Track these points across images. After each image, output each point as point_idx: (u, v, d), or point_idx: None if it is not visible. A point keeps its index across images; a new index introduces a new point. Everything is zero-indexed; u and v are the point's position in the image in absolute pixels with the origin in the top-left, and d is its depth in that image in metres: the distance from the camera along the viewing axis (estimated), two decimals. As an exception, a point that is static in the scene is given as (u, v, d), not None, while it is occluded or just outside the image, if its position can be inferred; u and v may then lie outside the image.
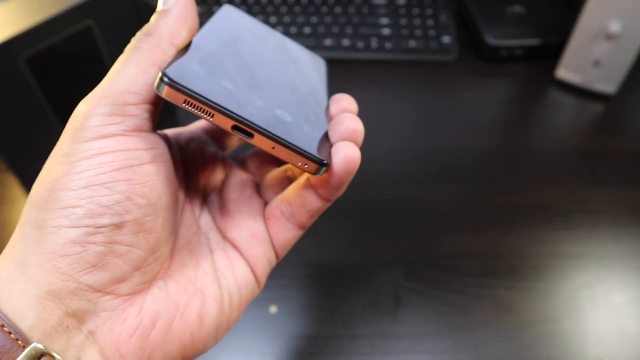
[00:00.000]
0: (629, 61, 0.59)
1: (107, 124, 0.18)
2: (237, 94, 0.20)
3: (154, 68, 0.20)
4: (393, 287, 0.46)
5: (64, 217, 0.17)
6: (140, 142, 0.19)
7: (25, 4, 0.43)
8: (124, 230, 0.18)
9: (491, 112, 0.62)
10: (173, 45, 0.20)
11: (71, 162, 0.18)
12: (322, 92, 0.26)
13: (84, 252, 0.17)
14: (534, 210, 0.52)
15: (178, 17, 0.21)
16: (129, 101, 0.19)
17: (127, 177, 0.18)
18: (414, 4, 0.70)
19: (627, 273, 0.47)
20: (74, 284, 0.17)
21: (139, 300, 0.19)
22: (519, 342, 0.43)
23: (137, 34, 0.21)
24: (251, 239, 0.23)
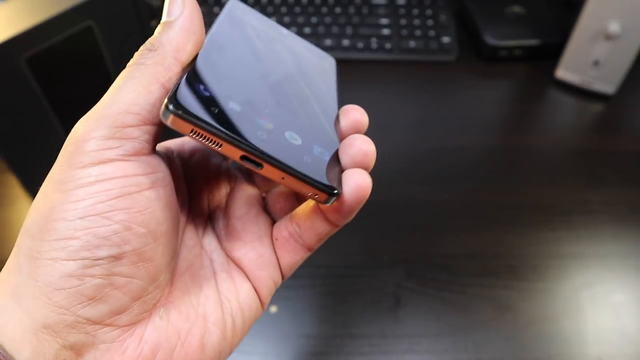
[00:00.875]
0: (628, 61, 0.59)
1: (104, 148, 0.17)
2: (245, 117, 0.20)
3: (157, 86, 0.19)
4: (393, 287, 0.46)
5: (60, 249, 0.16)
6: (139, 167, 0.18)
7: (26, 4, 0.43)
8: (123, 261, 0.17)
9: (491, 112, 0.62)
10: (178, 61, 0.19)
11: (67, 190, 0.17)
12: (331, 97, 0.25)
13: (81, 285, 0.17)
14: (533, 210, 0.52)
15: (183, 30, 0.20)
16: (128, 123, 0.18)
17: (126, 206, 0.17)
18: (414, 4, 0.70)
19: (626, 273, 0.47)
20: (71, 317, 0.17)
21: (139, 330, 0.19)
22: (518, 342, 0.43)
23: (140, 49, 0.20)
24: (257, 260, 0.23)
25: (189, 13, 0.20)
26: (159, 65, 0.19)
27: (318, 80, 0.26)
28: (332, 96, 0.25)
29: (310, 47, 0.28)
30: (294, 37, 0.28)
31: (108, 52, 0.48)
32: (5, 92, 0.42)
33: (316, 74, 0.26)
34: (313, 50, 0.28)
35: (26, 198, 0.52)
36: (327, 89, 0.26)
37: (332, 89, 0.26)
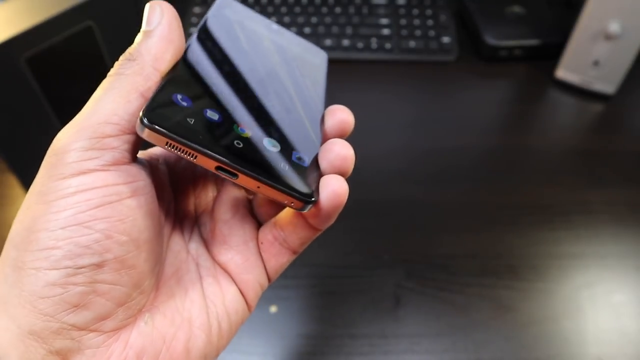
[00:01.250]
0: (628, 61, 0.59)
1: (84, 159, 0.18)
2: (222, 126, 0.20)
3: (135, 96, 0.19)
4: (393, 287, 0.46)
5: (43, 258, 0.17)
6: (119, 177, 0.18)
7: (26, 4, 0.43)
8: (105, 269, 0.18)
9: (491, 112, 0.62)
10: (157, 70, 0.20)
11: (49, 202, 0.17)
12: (318, 95, 0.26)
13: (64, 293, 0.17)
14: (533, 210, 0.52)
15: (161, 39, 0.20)
16: (107, 133, 0.18)
17: (107, 215, 0.18)
18: (414, 4, 0.70)
19: (626, 273, 0.47)
20: (56, 324, 0.17)
21: (124, 335, 0.19)
22: (518, 342, 0.43)
23: (119, 58, 0.20)
24: (244, 264, 0.23)
25: (167, 22, 0.20)
26: (138, 75, 0.19)
27: (305, 78, 0.26)
28: (319, 94, 0.25)
29: (302, 42, 0.28)
30: (284, 33, 0.28)
31: (108, 52, 0.48)
32: (5, 92, 0.42)
33: (304, 72, 0.26)
34: (304, 45, 0.28)
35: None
36: (314, 87, 0.26)
37: (320, 87, 0.26)
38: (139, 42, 0.20)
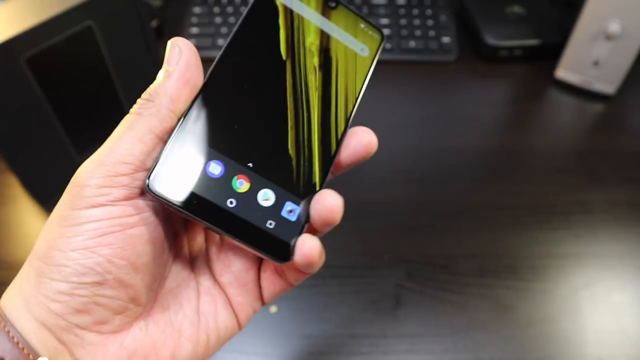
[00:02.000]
0: (628, 61, 0.60)
1: (97, 195, 0.21)
2: (220, 183, 0.22)
3: (150, 137, 0.21)
4: (393, 287, 0.46)
5: (56, 272, 0.21)
6: (125, 211, 0.21)
7: (26, 4, 0.43)
8: (105, 286, 0.21)
9: (491, 112, 0.62)
10: (172, 112, 0.22)
11: (65, 227, 0.21)
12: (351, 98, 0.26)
13: (70, 300, 0.21)
14: (533, 210, 0.52)
15: (178, 81, 0.22)
16: (121, 172, 0.21)
17: (110, 242, 0.21)
18: (414, 4, 0.70)
19: (626, 273, 0.47)
20: (64, 322, 0.21)
21: (120, 337, 0.22)
22: (518, 342, 0.43)
23: (140, 98, 0.22)
24: (241, 289, 0.25)
25: (185, 61, 0.22)
26: (154, 117, 0.21)
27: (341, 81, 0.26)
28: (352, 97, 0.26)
29: (358, 23, 0.27)
30: (340, 14, 0.26)
31: (108, 52, 0.48)
32: (5, 92, 0.42)
33: (343, 72, 0.26)
34: (359, 28, 0.27)
35: (26, 198, 0.52)
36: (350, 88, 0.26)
37: (358, 83, 0.26)
38: (158, 82, 0.22)
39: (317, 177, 0.24)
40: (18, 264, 0.47)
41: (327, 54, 0.25)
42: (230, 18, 0.68)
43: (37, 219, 0.51)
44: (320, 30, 0.26)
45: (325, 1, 0.26)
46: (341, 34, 0.26)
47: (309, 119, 0.24)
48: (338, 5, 0.26)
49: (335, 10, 0.26)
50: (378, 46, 0.27)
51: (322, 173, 0.24)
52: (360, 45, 0.27)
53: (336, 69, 0.26)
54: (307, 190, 0.24)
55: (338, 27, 0.26)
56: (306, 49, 0.25)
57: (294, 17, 0.25)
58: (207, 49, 0.66)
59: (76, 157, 0.51)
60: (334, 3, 0.26)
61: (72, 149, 0.50)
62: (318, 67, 0.25)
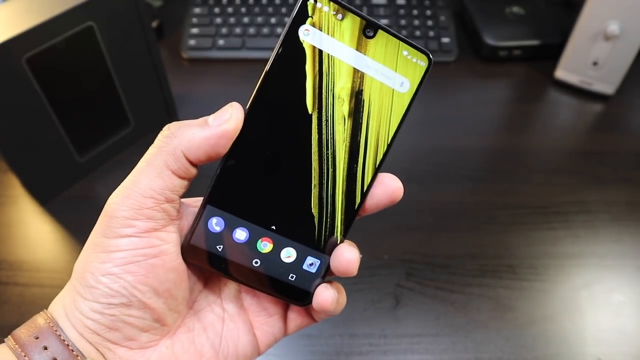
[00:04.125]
0: (627, 62, 0.60)
1: (124, 226, 0.23)
2: (246, 247, 0.25)
3: (167, 173, 0.23)
4: (393, 286, 0.46)
5: (89, 293, 0.23)
6: (149, 242, 0.23)
7: (26, 5, 0.43)
8: (131, 307, 0.23)
9: (491, 112, 0.62)
10: (185, 158, 0.23)
11: (97, 253, 0.23)
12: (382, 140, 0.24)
13: (102, 318, 0.23)
14: (533, 210, 0.52)
15: (207, 140, 0.23)
16: (144, 206, 0.23)
17: (133, 270, 0.23)
18: (414, 4, 0.71)
19: (625, 272, 0.47)
20: (98, 337, 0.24)
21: (148, 352, 0.25)
22: (518, 342, 0.43)
23: (163, 129, 0.24)
24: (267, 320, 0.27)
25: (224, 129, 0.23)
26: (170, 155, 0.23)
27: (374, 125, 0.24)
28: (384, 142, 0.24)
29: (400, 50, 0.24)
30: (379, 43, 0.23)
31: (108, 52, 0.48)
32: (5, 92, 0.42)
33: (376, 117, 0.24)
34: (401, 57, 0.24)
35: (26, 198, 0.52)
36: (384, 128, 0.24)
37: (393, 126, 0.25)
38: (190, 124, 0.23)
39: (339, 231, 0.25)
40: (18, 264, 0.47)
41: (359, 97, 0.23)
42: (230, 19, 0.68)
43: (37, 219, 0.51)
44: (354, 69, 0.23)
45: (363, 30, 0.23)
46: (378, 69, 0.23)
47: (334, 174, 0.24)
48: (377, 32, 0.23)
49: (374, 40, 0.23)
50: (422, 76, 0.24)
51: (344, 226, 0.25)
52: (400, 80, 0.24)
53: (367, 114, 0.24)
54: (329, 242, 0.25)
55: (375, 61, 0.23)
56: (335, 96, 0.23)
57: (322, 59, 0.23)
58: (207, 49, 0.66)
59: (76, 157, 0.51)
60: (372, 32, 0.23)
61: (72, 149, 0.50)
62: (347, 115, 0.23)
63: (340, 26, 0.23)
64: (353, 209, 0.25)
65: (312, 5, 0.22)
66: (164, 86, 0.56)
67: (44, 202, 0.51)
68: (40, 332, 0.23)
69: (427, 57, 0.24)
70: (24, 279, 0.46)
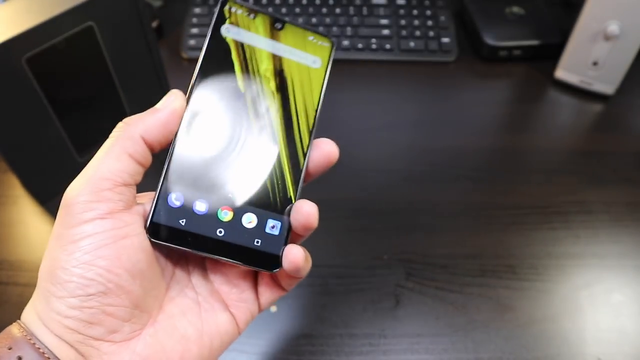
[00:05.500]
0: (627, 62, 0.60)
1: (86, 210, 0.23)
2: (208, 218, 0.25)
3: (125, 156, 0.24)
4: (393, 286, 0.46)
5: (62, 289, 0.23)
6: (114, 223, 0.23)
7: (26, 5, 0.43)
8: (109, 295, 0.23)
9: (491, 112, 0.62)
10: (143, 138, 0.24)
11: (62, 246, 0.23)
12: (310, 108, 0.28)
13: (81, 313, 0.23)
14: (533, 210, 0.52)
15: (158, 121, 0.25)
16: (103, 188, 0.23)
17: (105, 254, 0.23)
18: (414, 4, 0.71)
19: (625, 272, 0.47)
20: (79, 335, 0.23)
21: (133, 344, 0.24)
22: (518, 342, 0.43)
23: (118, 124, 0.25)
24: (239, 296, 0.27)
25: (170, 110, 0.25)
26: (128, 139, 0.24)
27: (299, 97, 0.28)
28: (311, 109, 0.28)
29: (304, 38, 0.29)
30: (288, 32, 0.29)
31: (108, 52, 0.48)
32: (5, 92, 0.42)
33: (300, 87, 0.28)
34: (308, 42, 0.29)
35: (26, 198, 0.52)
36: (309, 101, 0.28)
37: (315, 95, 0.29)
38: (145, 113, 0.25)
39: (291, 192, 0.27)
40: (18, 264, 0.47)
41: (282, 75, 0.28)
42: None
43: (37, 219, 0.51)
44: (272, 54, 0.28)
45: (272, 24, 0.28)
46: (292, 52, 0.28)
47: (275, 142, 0.27)
48: (285, 25, 0.28)
49: (283, 31, 0.28)
50: (329, 54, 0.29)
51: (295, 186, 0.27)
52: (312, 58, 0.29)
53: (292, 88, 0.28)
54: (285, 204, 0.27)
55: (288, 46, 0.28)
56: (262, 76, 0.27)
57: (245, 49, 0.27)
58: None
59: (76, 157, 0.51)
60: (280, 24, 0.28)
61: (72, 149, 0.50)
62: (275, 90, 0.27)
63: (254, 23, 0.28)
64: (299, 171, 0.27)
65: (228, 10, 0.27)
66: (164, 86, 0.56)
67: (43, 202, 0.51)
68: (14, 343, 0.23)
69: (329, 40, 0.30)
70: (24, 279, 0.46)
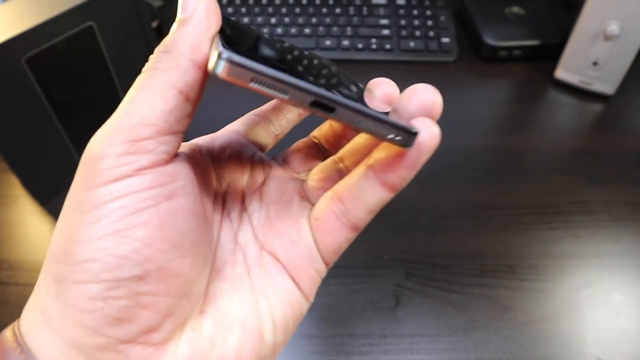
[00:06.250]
0: (627, 62, 0.60)
1: (119, 165, 0.16)
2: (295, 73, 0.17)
3: (173, 93, 0.17)
4: (393, 286, 0.46)
5: (82, 272, 0.16)
6: (155, 179, 0.17)
7: (26, 5, 0.43)
8: (148, 280, 0.17)
9: (491, 112, 0.62)
10: (194, 62, 0.17)
11: (84, 212, 0.16)
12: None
13: (106, 307, 0.16)
14: (533, 210, 0.52)
15: (198, 27, 0.18)
16: (143, 135, 0.17)
17: (144, 221, 0.16)
18: (414, 4, 0.71)
19: (625, 272, 0.47)
20: (101, 338, 0.16)
21: (172, 345, 0.18)
22: (518, 342, 0.43)
23: (155, 51, 0.18)
24: (293, 248, 0.21)
25: (204, 7, 0.18)
26: (175, 69, 0.17)
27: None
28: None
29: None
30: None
31: (108, 52, 0.48)
32: (5, 92, 0.42)
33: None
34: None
35: (26, 198, 0.52)
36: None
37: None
38: (175, 32, 0.18)
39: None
40: (18, 264, 0.47)
41: None
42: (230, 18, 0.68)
43: (37, 219, 0.51)
44: None
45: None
46: None
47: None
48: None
49: None
50: None
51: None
52: None
53: None
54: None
55: None
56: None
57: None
58: (207, 49, 0.66)
59: (76, 156, 0.51)
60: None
61: (72, 149, 0.50)
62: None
63: None
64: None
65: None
66: (164, 86, 0.56)
67: (43, 202, 0.51)
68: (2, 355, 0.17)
69: None
70: (24, 279, 0.46)
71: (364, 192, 0.20)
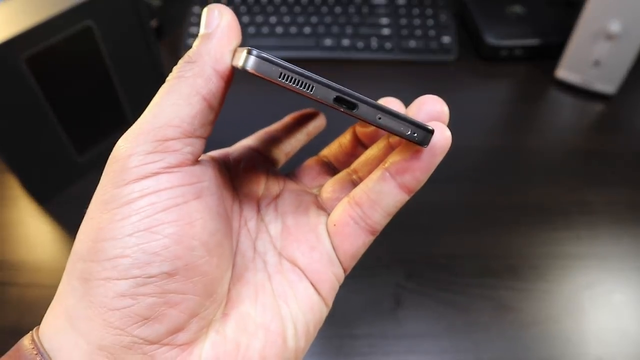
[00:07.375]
0: (628, 61, 0.59)
1: (146, 163, 0.17)
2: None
3: (197, 99, 0.18)
4: (393, 287, 0.46)
5: (111, 268, 0.16)
6: (183, 178, 0.18)
7: (26, 4, 0.43)
8: (177, 277, 0.17)
9: (491, 112, 0.62)
10: (216, 72, 0.19)
11: (112, 209, 0.17)
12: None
13: (135, 305, 0.16)
14: (533, 211, 0.52)
15: (221, 40, 0.19)
16: (169, 136, 0.17)
17: (174, 218, 0.17)
18: (414, 4, 0.70)
19: (627, 273, 0.47)
20: (127, 337, 0.16)
21: (197, 348, 0.18)
22: (519, 342, 0.43)
23: (179, 61, 0.19)
24: (312, 253, 0.21)
25: (227, 24, 0.19)
26: (199, 77, 0.18)
27: None
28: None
29: None
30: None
31: (108, 52, 0.48)
32: (4, 92, 0.42)
33: None
34: None
35: (26, 198, 0.52)
36: None
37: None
38: (198, 44, 0.19)
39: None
40: (18, 264, 0.47)
41: None
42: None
43: (37, 219, 0.51)
44: None
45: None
46: None
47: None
48: None
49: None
50: None
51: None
52: None
53: None
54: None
55: None
56: None
57: None
58: (207, 49, 0.66)
59: (75, 156, 0.51)
60: None
61: (72, 149, 0.50)
62: None
63: None
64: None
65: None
66: (164, 86, 0.55)
67: (43, 202, 0.51)
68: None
69: None
70: (24, 279, 0.46)
71: (381, 194, 0.21)
